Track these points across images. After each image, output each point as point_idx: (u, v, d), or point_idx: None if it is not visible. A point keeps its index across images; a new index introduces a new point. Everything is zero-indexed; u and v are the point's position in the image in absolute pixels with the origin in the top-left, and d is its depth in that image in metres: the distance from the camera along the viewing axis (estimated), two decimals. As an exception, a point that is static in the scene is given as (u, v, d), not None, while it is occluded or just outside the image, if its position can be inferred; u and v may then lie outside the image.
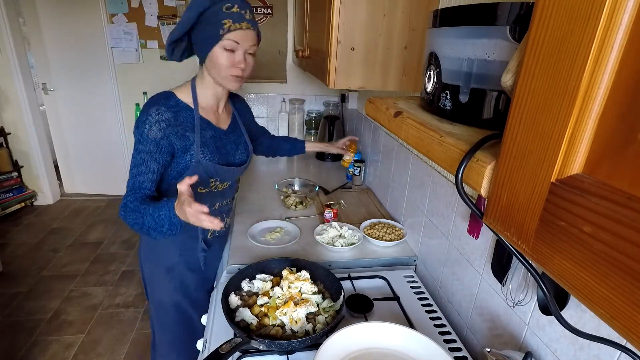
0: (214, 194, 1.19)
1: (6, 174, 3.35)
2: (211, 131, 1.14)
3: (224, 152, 1.18)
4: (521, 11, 0.43)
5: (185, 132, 1.06)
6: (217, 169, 1.13)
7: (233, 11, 0.98)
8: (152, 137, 1.00)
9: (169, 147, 1.04)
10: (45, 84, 3.46)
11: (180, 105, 1.07)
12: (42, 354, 1.98)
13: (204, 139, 1.10)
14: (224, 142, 1.18)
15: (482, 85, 0.48)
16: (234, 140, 1.23)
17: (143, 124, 1.00)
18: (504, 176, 0.34)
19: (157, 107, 1.02)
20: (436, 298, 1.16)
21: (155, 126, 1.00)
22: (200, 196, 1.15)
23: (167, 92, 1.09)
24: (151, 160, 1.01)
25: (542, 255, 0.29)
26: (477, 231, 0.94)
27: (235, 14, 0.98)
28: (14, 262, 2.71)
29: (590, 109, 0.25)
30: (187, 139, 1.06)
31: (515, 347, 0.82)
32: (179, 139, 1.05)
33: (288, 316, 0.91)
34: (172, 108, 1.04)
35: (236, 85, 1.07)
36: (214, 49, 1.01)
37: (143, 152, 1.01)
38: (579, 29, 0.25)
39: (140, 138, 1.00)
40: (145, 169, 1.01)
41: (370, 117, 0.75)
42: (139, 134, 1.00)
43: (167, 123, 1.02)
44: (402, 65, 1.06)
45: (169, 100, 1.05)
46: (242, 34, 1.00)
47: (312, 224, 1.47)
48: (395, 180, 1.54)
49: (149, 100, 1.04)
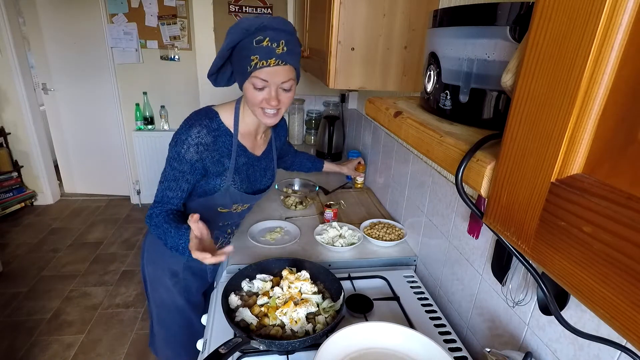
0: (232, 214, 1.20)
1: (6, 174, 3.35)
2: (245, 158, 1.11)
3: (253, 180, 1.16)
4: (521, 11, 0.43)
5: (221, 158, 1.05)
6: (242, 197, 1.13)
7: (263, 45, 0.91)
8: (188, 158, 1.00)
9: (202, 170, 1.04)
10: (45, 84, 3.46)
11: (222, 129, 1.05)
12: (42, 354, 1.98)
13: (237, 165, 1.09)
14: (255, 169, 1.17)
15: (482, 85, 0.48)
16: (264, 167, 1.21)
17: (182, 144, 0.99)
18: (504, 176, 0.34)
19: (199, 129, 1.00)
20: (436, 298, 1.16)
21: (193, 148, 0.99)
22: (218, 215, 1.16)
23: (211, 110, 1.06)
24: (183, 179, 1.02)
25: (542, 255, 0.29)
26: (477, 231, 0.94)
27: (265, 49, 0.91)
28: (14, 262, 2.71)
29: (590, 109, 0.25)
30: (222, 165, 1.06)
31: (515, 347, 0.82)
32: (214, 164, 1.04)
33: (288, 316, 0.91)
34: (214, 132, 1.02)
35: (269, 120, 1.01)
36: (244, 84, 0.98)
37: (177, 170, 1.01)
38: (579, 29, 0.25)
39: (177, 156, 1.00)
40: (175, 185, 1.03)
41: (370, 117, 0.75)
42: (176, 152, 1.00)
43: (205, 147, 1.01)
44: (402, 65, 1.06)
45: (212, 122, 1.03)
46: (271, 72, 0.93)
47: (312, 224, 1.47)
48: (395, 180, 1.54)
49: (192, 117, 1.02)
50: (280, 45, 0.92)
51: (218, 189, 1.09)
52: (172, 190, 1.03)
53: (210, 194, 1.10)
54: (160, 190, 1.04)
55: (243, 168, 1.11)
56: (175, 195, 1.04)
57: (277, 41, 0.91)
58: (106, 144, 3.60)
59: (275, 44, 0.91)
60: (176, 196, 1.04)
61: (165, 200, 1.04)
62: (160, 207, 1.03)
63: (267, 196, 1.72)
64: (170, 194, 1.03)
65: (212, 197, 1.10)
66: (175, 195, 1.04)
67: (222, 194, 1.09)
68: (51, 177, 3.65)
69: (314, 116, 2.57)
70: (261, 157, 1.19)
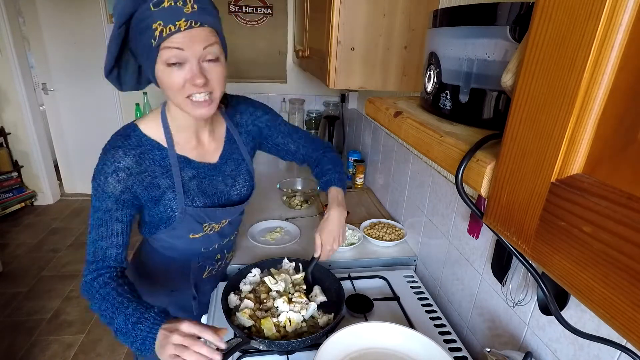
0: (210, 237, 1.00)
1: (6, 174, 3.35)
2: (191, 170, 0.90)
3: (214, 193, 0.94)
4: (521, 11, 0.43)
5: (154, 179, 0.85)
6: (207, 213, 0.92)
7: (164, 6, 0.68)
8: (109, 191, 0.80)
9: (133, 201, 0.84)
10: (45, 84, 3.46)
11: (146, 143, 0.84)
12: (42, 354, 1.98)
13: (183, 181, 0.88)
14: (213, 180, 0.94)
15: (482, 85, 0.48)
16: (230, 174, 0.98)
17: (98, 176, 0.80)
18: (504, 176, 0.34)
19: (114, 152, 0.80)
20: (436, 298, 1.16)
21: (112, 177, 0.79)
22: (192, 242, 0.98)
23: (129, 126, 0.86)
24: (112, 220, 0.82)
25: (542, 255, 0.29)
26: (477, 231, 0.94)
27: (168, 10, 0.68)
28: (14, 262, 2.71)
29: (590, 109, 0.25)
30: (157, 187, 0.85)
31: (515, 347, 0.82)
32: (147, 189, 0.84)
33: (283, 317, 0.91)
34: (133, 149, 0.82)
35: (203, 111, 0.78)
36: (155, 67, 0.74)
37: (101, 210, 0.81)
38: (579, 29, 0.25)
39: (96, 192, 0.81)
40: (106, 231, 0.82)
41: (370, 117, 0.75)
42: (94, 188, 0.81)
43: (127, 172, 0.81)
44: (402, 65, 1.06)
45: (128, 140, 0.82)
46: (185, 37, 0.71)
47: (312, 224, 1.47)
48: (395, 180, 1.54)
49: (108, 142, 0.83)
50: (188, 2, 0.70)
51: (172, 217, 0.89)
52: (104, 239, 0.81)
53: (168, 224, 0.91)
54: (90, 243, 0.82)
55: (191, 183, 0.90)
56: (110, 243, 0.82)
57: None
58: (106, 144, 3.60)
59: (181, 1, 0.70)
60: (112, 244, 0.82)
61: (101, 255, 0.82)
62: (96, 266, 0.81)
63: (268, 196, 1.72)
64: (104, 243, 0.82)
65: (174, 226, 0.91)
66: (110, 243, 0.82)
67: (182, 219, 0.90)
68: (51, 177, 3.65)
69: (314, 116, 2.57)
70: (219, 164, 0.96)
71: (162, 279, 1.06)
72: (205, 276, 1.10)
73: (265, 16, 2.50)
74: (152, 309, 0.75)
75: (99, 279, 0.80)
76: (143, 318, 0.73)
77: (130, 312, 0.74)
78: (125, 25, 0.73)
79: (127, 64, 0.81)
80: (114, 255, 0.83)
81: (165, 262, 1.04)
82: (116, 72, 0.80)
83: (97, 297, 0.79)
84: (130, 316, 0.74)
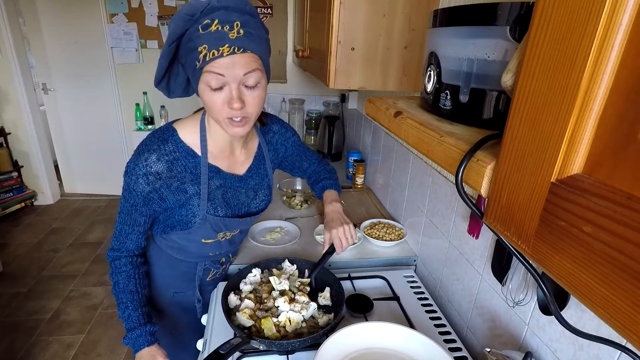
0: (222, 243, 1.04)
1: (6, 174, 3.35)
2: (220, 180, 0.93)
3: (236, 204, 0.97)
4: (521, 11, 0.43)
5: (181, 185, 0.87)
6: (226, 223, 0.96)
7: (211, 31, 0.70)
8: (138, 190, 0.85)
9: (160, 200, 0.88)
10: (45, 84, 3.46)
11: (181, 150, 0.87)
12: (42, 354, 1.98)
13: (209, 190, 0.91)
14: (237, 192, 0.97)
15: (482, 85, 0.48)
16: (253, 187, 1.01)
17: (130, 174, 0.84)
18: (504, 176, 0.34)
19: (148, 155, 0.83)
20: (436, 298, 1.16)
21: (142, 179, 0.83)
22: (203, 246, 1.01)
23: (169, 129, 0.88)
24: (136, 212, 0.89)
25: (542, 255, 0.29)
26: (477, 231, 0.94)
27: (214, 35, 0.70)
28: (14, 262, 2.71)
29: (590, 109, 0.25)
30: (184, 192, 0.88)
31: (515, 347, 0.82)
32: (173, 193, 0.88)
33: (283, 317, 0.91)
34: (167, 156, 0.85)
35: (237, 130, 0.81)
36: (199, 88, 0.78)
37: (129, 202, 0.88)
38: (579, 29, 0.25)
39: (127, 187, 0.86)
40: (130, 219, 0.90)
41: (370, 117, 0.75)
42: (126, 183, 0.86)
43: (156, 176, 0.84)
44: (402, 65, 1.06)
45: (165, 145, 0.85)
46: (226, 63, 0.72)
47: (312, 224, 1.47)
48: (395, 180, 1.54)
49: (144, 141, 0.87)
50: (235, 27, 0.71)
51: (191, 222, 0.93)
52: (128, 225, 0.90)
53: (186, 227, 0.95)
54: (118, 222, 0.92)
55: (217, 192, 0.93)
56: (132, 230, 0.91)
57: (229, 23, 0.71)
58: (106, 144, 3.60)
59: (228, 26, 0.70)
60: (134, 231, 0.91)
61: (123, 237, 0.91)
62: (119, 245, 0.92)
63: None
64: (127, 229, 0.91)
65: (190, 230, 0.95)
66: (132, 230, 0.91)
67: (200, 226, 0.94)
68: (51, 177, 3.65)
69: (314, 116, 2.57)
70: (246, 176, 0.99)
71: (166, 280, 1.07)
72: (209, 279, 1.13)
73: (265, 16, 2.50)
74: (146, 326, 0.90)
75: (118, 262, 0.93)
76: (138, 318, 0.90)
77: (133, 304, 0.91)
78: (176, 42, 0.76)
79: (176, 76, 0.83)
80: (135, 240, 0.93)
81: (171, 263, 1.05)
82: (165, 82, 0.84)
83: (114, 272, 0.93)
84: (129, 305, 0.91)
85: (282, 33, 2.53)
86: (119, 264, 0.93)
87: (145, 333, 0.89)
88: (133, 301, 0.91)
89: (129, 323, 0.90)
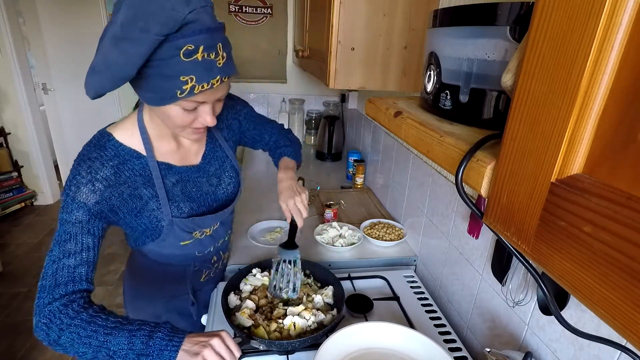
0: (202, 241, 0.96)
1: (6, 174, 3.35)
2: (174, 176, 0.86)
3: (199, 196, 0.90)
4: (521, 11, 0.43)
5: (135, 190, 0.79)
6: (196, 222, 0.89)
7: (197, 59, 0.63)
8: (81, 200, 0.71)
9: (109, 213, 0.76)
10: (45, 84, 3.46)
11: (124, 153, 0.77)
12: (42, 354, 1.98)
13: (167, 188, 0.84)
14: (197, 183, 0.90)
15: (482, 85, 0.48)
16: (214, 173, 0.94)
17: (69, 187, 0.72)
18: (504, 176, 0.34)
19: (90, 164, 0.73)
20: (436, 298, 1.16)
21: (86, 187, 0.72)
22: (184, 248, 0.93)
23: (103, 135, 0.78)
24: (82, 232, 0.72)
25: (542, 255, 0.29)
26: (477, 231, 0.94)
27: (202, 65, 0.64)
28: (14, 262, 2.71)
29: (590, 109, 0.25)
30: (139, 199, 0.80)
31: (515, 347, 0.82)
32: (126, 202, 0.78)
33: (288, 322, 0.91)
34: (111, 160, 0.75)
35: (199, 136, 0.80)
36: (166, 106, 0.70)
37: (69, 223, 0.71)
38: (579, 29, 0.25)
39: (65, 205, 0.72)
40: (74, 246, 0.71)
41: (370, 117, 0.75)
42: (63, 201, 0.72)
43: (104, 183, 0.74)
44: (402, 65, 1.06)
45: (105, 151, 0.75)
46: (211, 90, 0.69)
47: (312, 224, 1.47)
48: (395, 180, 1.54)
49: (80, 153, 0.75)
50: (219, 52, 0.65)
51: (157, 229, 0.84)
52: (72, 256, 0.70)
53: (156, 236, 0.86)
54: (51, 264, 0.71)
55: (176, 189, 0.85)
56: (80, 260, 0.71)
57: (213, 48, 0.64)
58: (106, 144, 3.60)
59: (213, 53, 0.64)
60: (82, 261, 0.71)
61: (66, 277, 0.69)
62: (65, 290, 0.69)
63: (268, 196, 1.72)
64: (72, 261, 0.70)
65: (161, 237, 0.87)
66: (80, 260, 0.71)
67: (169, 231, 0.85)
68: (51, 177, 3.65)
69: (314, 116, 2.57)
70: (203, 164, 0.92)
71: (158, 287, 1.02)
72: (203, 279, 1.08)
73: (266, 16, 2.50)
74: (163, 323, 0.71)
75: (72, 305, 0.69)
76: (157, 330, 0.68)
77: (135, 327, 0.67)
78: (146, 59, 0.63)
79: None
80: (85, 274, 0.71)
81: (160, 270, 1.00)
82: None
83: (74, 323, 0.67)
84: (136, 331, 0.66)
85: (282, 33, 2.53)
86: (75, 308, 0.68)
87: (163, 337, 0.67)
88: (115, 329, 0.67)
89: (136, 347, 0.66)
